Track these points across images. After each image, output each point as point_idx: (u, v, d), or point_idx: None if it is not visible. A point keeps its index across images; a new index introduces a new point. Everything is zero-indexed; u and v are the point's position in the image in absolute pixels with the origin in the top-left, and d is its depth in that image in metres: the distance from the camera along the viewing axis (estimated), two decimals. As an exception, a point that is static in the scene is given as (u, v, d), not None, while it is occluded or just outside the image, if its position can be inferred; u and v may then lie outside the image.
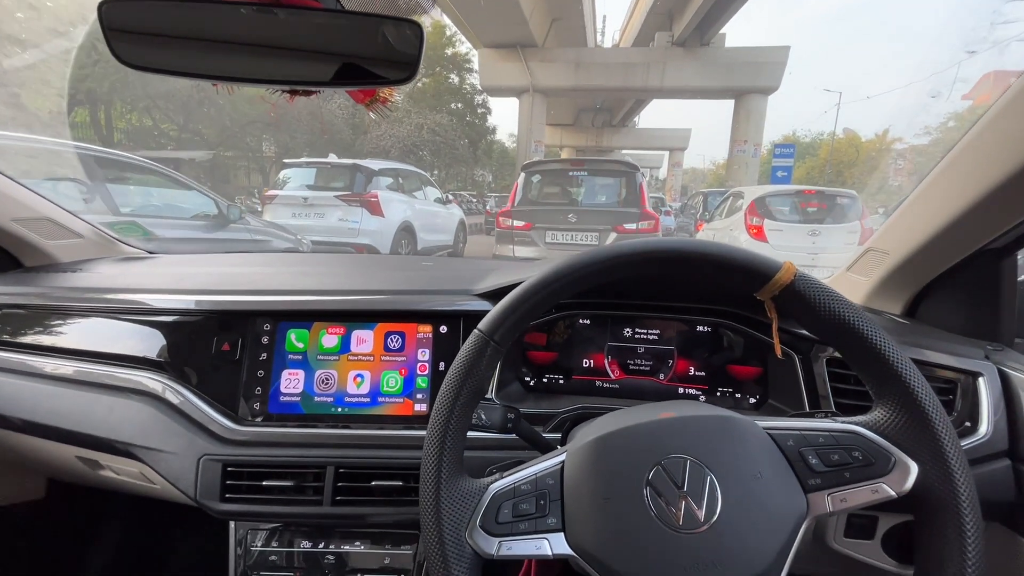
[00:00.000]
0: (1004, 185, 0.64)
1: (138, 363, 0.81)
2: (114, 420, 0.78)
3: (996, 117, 0.65)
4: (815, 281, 0.48)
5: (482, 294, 0.82)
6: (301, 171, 6.44)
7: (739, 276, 0.49)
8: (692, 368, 0.85)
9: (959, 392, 0.70)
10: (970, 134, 0.69)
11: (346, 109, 17.43)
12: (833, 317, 0.47)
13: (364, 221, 5.74)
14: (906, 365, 0.45)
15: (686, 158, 45.64)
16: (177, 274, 1.07)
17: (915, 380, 0.44)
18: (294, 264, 1.24)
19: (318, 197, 5.95)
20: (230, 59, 0.57)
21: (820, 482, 0.44)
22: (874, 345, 0.45)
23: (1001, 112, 0.64)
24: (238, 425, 0.75)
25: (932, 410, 0.44)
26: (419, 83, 25.70)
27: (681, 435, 0.47)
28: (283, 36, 0.57)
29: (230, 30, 0.55)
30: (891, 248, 0.83)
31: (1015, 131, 0.62)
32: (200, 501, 0.73)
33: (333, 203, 5.83)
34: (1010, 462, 0.66)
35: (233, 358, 0.79)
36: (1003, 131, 0.64)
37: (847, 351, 0.48)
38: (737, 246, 0.50)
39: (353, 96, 0.68)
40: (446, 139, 20.02)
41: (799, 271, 0.48)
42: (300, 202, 5.88)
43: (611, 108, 34.81)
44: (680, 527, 0.43)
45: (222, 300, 0.82)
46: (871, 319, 0.46)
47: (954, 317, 0.82)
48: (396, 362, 0.81)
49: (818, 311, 0.47)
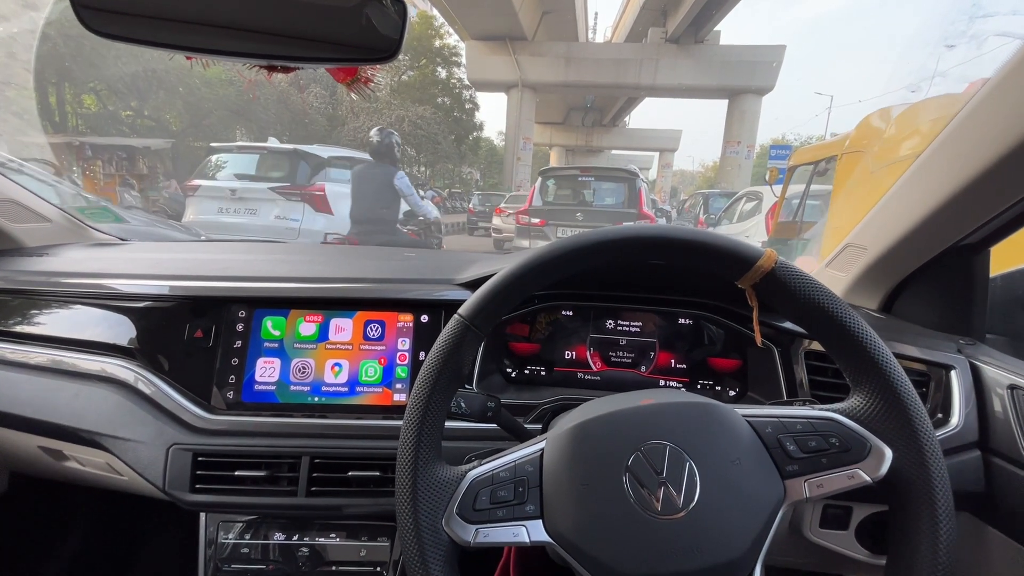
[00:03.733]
0: (977, 181, 0.68)
1: (106, 350, 0.81)
2: (79, 408, 0.78)
3: (969, 115, 0.69)
4: (796, 269, 0.50)
5: (464, 283, 0.84)
6: (234, 158, 5.54)
7: (720, 263, 0.51)
8: (673, 360, 0.88)
9: (932, 385, 0.74)
10: (945, 132, 0.73)
11: (322, 99, 17.14)
12: (813, 305, 0.49)
13: (307, 219, 4.94)
14: (883, 353, 0.47)
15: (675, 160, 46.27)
16: (149, 260, 1.07)
17: (892, 368, 0.47)
18: (272, 252, 1.25)
19: (249, 190, 5.06)
20: (204, 31, 0.56)
21: (797, 468, 0.46)
22: (852, 333, 0.48)
23: (974, 110, 0.68)
24: (210, 414, 0.76)
25: (907, 397, 0.46)
26: (404, 76, 25.43)
27: (661, 422, 0.48)
28: (261, 7, 0.57)
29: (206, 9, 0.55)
30: (869, 243, 0.88)
31: (987, 129, 0.66)
32: (169, 492, 0.73)
33: (268, 197, 5.01)
34: (980, 453, 0.70)
35: (206, 345, 0.80)
36: (976, 129, 0.68)
37: (826, 339, 0.50)
38: (718, 233, 0.52)
39: (334, 75, 0.69)
40: (429, 133, 19.73)
41: (780, 259, 0.50)
42: (227, 195, 5.00)
43: (601, 107, 35.09)
44: (659, 513, 0.44)
45: (195, 286, 0.83)
46: (850, 308, 0.49)
47: (928, 312, 0.87)
48: (375, 351, 0.82)
49: (798, 299, 0.49)
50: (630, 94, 25.38)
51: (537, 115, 25.61)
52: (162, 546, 1.22)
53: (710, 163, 51.66)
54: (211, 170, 5.49)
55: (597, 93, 26.26)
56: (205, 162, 5.62)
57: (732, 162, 19.66)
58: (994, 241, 0.77)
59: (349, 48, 0.60)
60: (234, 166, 5.48)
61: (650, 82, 19.59)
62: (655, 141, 42.87)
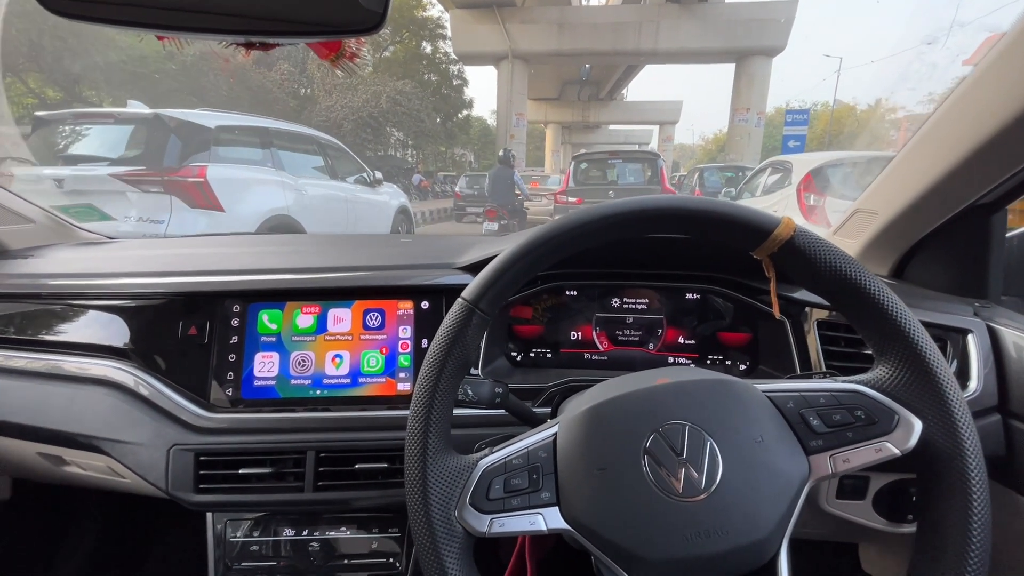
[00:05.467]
0: (995, 139, 0.67)
1: (98, 351, 0.81)
2: (75, 412, 0.78)
3: (985, 72, 0.68)
4: (816, 237, 0.48)
5: (464, 267, 0.85)
6: (71, 131, 3.96)
7: (736, 233, 0.50)
8: (681, 337, 0.89)
9: (949, 350, 0.75)
10: (959, 90, 0.71)
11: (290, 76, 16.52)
12: (834, 273, 0.48)
13: (176, 219, 3.59)
14: (910, 321, 0.46)
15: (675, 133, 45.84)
16: (137, 257, 1.07)
17: (919, 336, 0.46)
18: (265, 244, 1.25)
19: (85, 179, 3.52)
20: (176, 5, 0.53)
21: (822, 443, 0.46)
22: (877, 301, 0.47)
23: (989, 67, 0.67)
24: (210, 412, 0.77)
25: (937, 366, 0.45)
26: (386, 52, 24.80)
27: (678, 401, 0.48)
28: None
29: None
30: (879, 208, 0.87)
31: (1005, 85, 0.65)
32: (172, 493, 0.74)
33: (116, 188, 3.48)
34: (1000, 417, 0.71)
35: (201, 342, 0.80)
36: (993, 85, 0.67)
37: (849, 308, 0.49)
38: (732, 202, 0.51)
39: (316, 51, 0.67)
40: (410, 109, 18.72)
41: (798, 226, 0.49)
42: (52, 187, 3.44)
43: (598, 80, 34.57)
44: (680, 495, 0.44)
45: (186, 282, 0.83)
46: (872, 275, 0.48)
47: (942, 276, 0.87)
48: (376, 340, 0.83)
49: (819, 267, 0.48)
50: (629, 61, 24.66)
51: (531, 91, 25.04)
52: (170, 546, 1.25)
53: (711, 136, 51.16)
54: (44, 149, 3.90)
55: (593, 62, 25.63)
56: (32, 137, 3.90)
57: (741, 131, 18.90)
58: (1011, 199, 0.76)
59: (331, 20, 0.60)
60: (82, 143, 3.87)
61: (651, 47, 18.73)
62: (655, 114, 42.38)
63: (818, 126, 31.25)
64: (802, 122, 17.05)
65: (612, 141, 64.09)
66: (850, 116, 30.21)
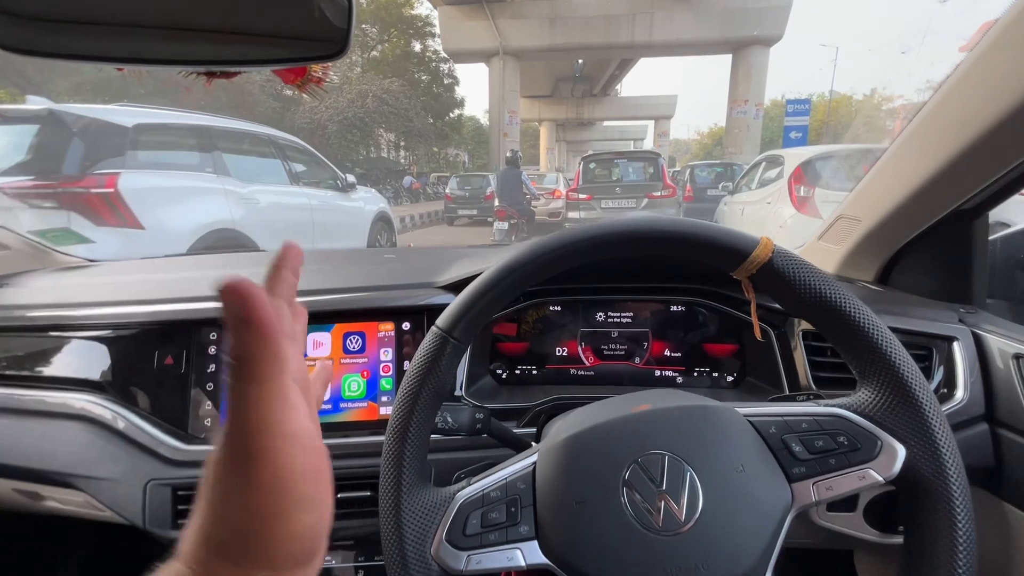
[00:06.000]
0: (975, 145, 0.67)
1: (72, 384, 0.80)
2: (47, 448, 0.77)
3: (965, 75, 0.67)
4: (795, 258, 0.48)
5: (445, 286, 0.84)
6: None
7: (714, 254, 0.49)
8: (668, 349, 0.88)
9: (935, 358, 0.74)
10: (938, 95, 0.71)
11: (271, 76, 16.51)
12: (814, 295, 0.47)
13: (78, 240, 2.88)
14: (891, 343, 0.46)
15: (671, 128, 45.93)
16: (114, 283, 1.06)
17: (900, 359, 0.45)
18: (245, 265, 1.25)
19: None
20: (134, 37, 0.53)
21: (804, 471, 0.45)
22: (857, 324, 0.46)
23: (969, 70, 0.67)
24: (188, 444, 0.76)
25: (919, 389, 0.45)
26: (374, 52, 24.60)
27: (658, 430, 0.47)
28: (193, 7, 0.53)
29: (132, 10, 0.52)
30: (863, 215, 0.87)
31: (985, 89, 0.64)
32: (150, 530, 0.73)
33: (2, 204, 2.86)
34: (988, 426, 0.70)
35: (178, 372, 0.79)
36: (973, 90, 0.67)
37: (830, 330, 0.49)
38: (711, 223, 0.50)
39: (282, 77, 0.67)
40: (398, 109, 18.36)
41: (777, 247, 0.48)
42: None
43: (591, 76, 34.57)
44: (660, 528, 0.43)
45: (161, 310, 0.82)
46: (853, 296, 0.47)
47: (927, 281, 0.87)
48: (357, 364, 0.82)
49: (798, 290, 0.47)
50: (623, 55, 24.49)
51: (523, 88, 24.95)
52: None
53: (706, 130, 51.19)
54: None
55: (587, 57, 25.54)
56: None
57: (739, 123, 18.74)
58: (992, 205, 0.76)
59: (294, 48, 0.59)
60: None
61: (645, 39, 18.56)
62: (649, 109, 42.47)
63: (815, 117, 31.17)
64: (803, 112, 16.59)
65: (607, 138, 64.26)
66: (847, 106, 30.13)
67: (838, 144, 4.81)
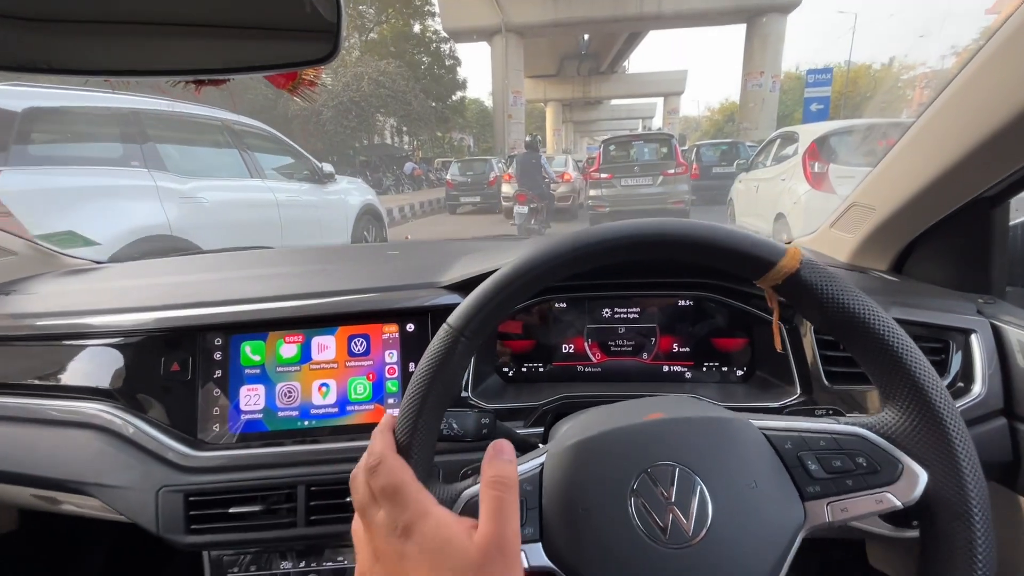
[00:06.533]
0: (1000, 132, 0.64)
1: (80, 393, 0.82)
2: (60, 457, 0.79)
3: (989, 59, 0.64)
4: (824, 270, 0.46)
5: (449, 286, 0.84)
6: None
7: (737, 263, 0.48)
8: (676, 344, 0.88)
9: (952, 351, 0.73)
10: (958, 80, 0.68)
11: None
12: (841, 310, 0.45)
13: None
14: (920, 365, 0.44)
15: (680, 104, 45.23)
16: (119, 288, 1.07)
17: (929, 382, 0.44)
18: (251, 266, 1.25)
19: None
20: (116, 46, 0.53)
21: (819, 490, 0.44)
22: (886, 343, 0.44)
23: (993, 54, 0.64)
24: (197, 451, 0.77)
25: (947, 415, 0.43)
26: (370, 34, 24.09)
27: (670, 440, 0.47)
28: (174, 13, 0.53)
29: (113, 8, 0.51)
30: (877, 203, 0.85)
31: (1012, 73, 0.62)
32: (163, 535, 0.75)
33: None
34: (1006, 420, 0.69)
35: (185, 378, 0.80)
36: (997, 74, 0.64)
37: (855, 346, 0.47)
38: (736, 228, 0.48)
39: (273, 81, 0.67)
40: (395, 91, 17.73)
41: (805, 257, 0.46)
42: None
43: (597, 52, 34.01)
44: (667, 541, 0.43)
45: (166, 316, 0.82)
46: (883, 313, 0.46)
47: (944, 271, 0.85)
48: (363, 367, 0.82)
49: (825, 304, 0.46)
50: (631, 28, 23.66)
51: (527, 68, 24.41)
52: (178, 570, 1.28)
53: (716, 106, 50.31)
54: None
55: (592, 32, 24.82)
56: None
57: (754, 97, 18.02)
58: (1016, 192, 0.74)
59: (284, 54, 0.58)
60: None
61: (654, 10, 17.83)
62: (658, 85, 41.80)
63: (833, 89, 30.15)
64: (825, 82, 15.79)
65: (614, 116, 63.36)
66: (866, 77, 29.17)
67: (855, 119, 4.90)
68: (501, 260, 0.80)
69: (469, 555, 0.38)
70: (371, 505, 0.42)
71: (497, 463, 0.43)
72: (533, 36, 21.21)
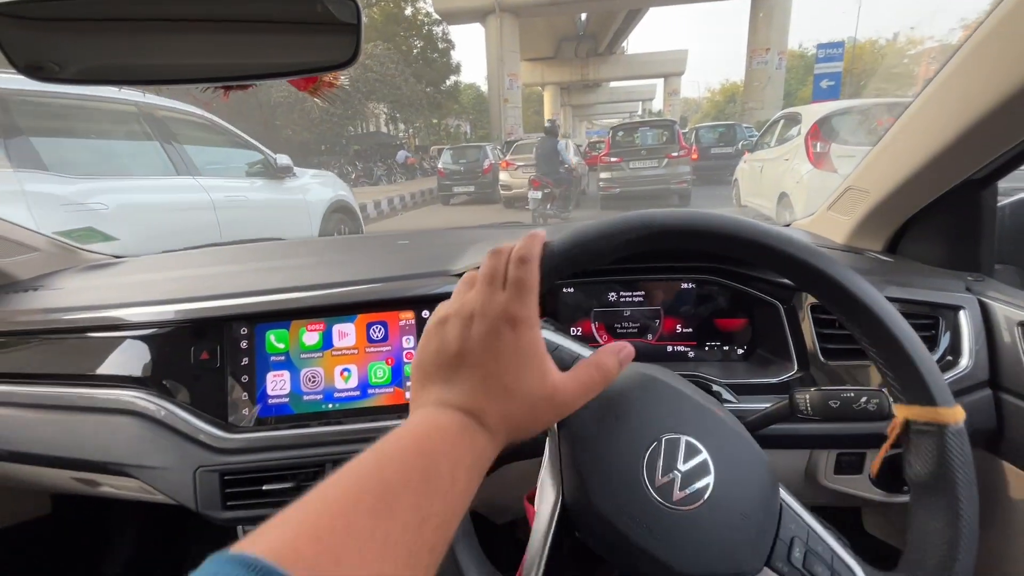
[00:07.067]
0: (991, 116, 0.67)
1: (117, 381, 0.86)
2: (101, 441, 0.84)
3: (981, 44, 0.67)
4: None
5: (461, 273, 0.88)
6: None
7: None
8: (679, 326, 0.92)
9: (941, 327, 0.78)
10: (951, 65, 0.71)
11: None
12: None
13: None
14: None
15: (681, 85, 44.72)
16: (144, 282, 1.11)
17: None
18: (268, 257, 1.30)
19: None
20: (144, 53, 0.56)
21: (784, 572, 0.45)
22: None
23: (985, 39, 0.66)
24: (229, 433, 0.81)
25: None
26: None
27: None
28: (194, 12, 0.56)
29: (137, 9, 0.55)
30: (872, 186, 0.89)
31: (1002, 57, 0.64)
32: (202, 511, 0.80)
33: None
34: (991, 391, 0.74)
35: (214, 366, 0.84)
36: (988, 59, 0.66)
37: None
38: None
39: (295, 84, 0.70)
40: (383, 75, 17.22)
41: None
42: None
43: (596, 33, 33.54)
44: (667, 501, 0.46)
45: (193, 308, 0.87)
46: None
47: (935, 250, 0.89)
48: (382, 352, 0.87)
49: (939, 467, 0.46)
50: (630, 5, 22.99)
51: (524, 51, 23.89)
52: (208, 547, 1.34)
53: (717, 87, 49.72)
54: None
55: (590, 10, 24.24)
56: None
57: (760, 75, 17.34)
58: (1003, 174, 0.77)
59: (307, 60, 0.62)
60: None
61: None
62: (658, 66, 41.35)
63: (841, 65, 29.37)
64: (837, 57, 14.65)
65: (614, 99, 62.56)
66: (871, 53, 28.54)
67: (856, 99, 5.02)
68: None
69: (548, 382, 0.39)
70: (496, 283, 0.41)
71: (610, 358, 0.45)
72: (528, 16, 20.63)
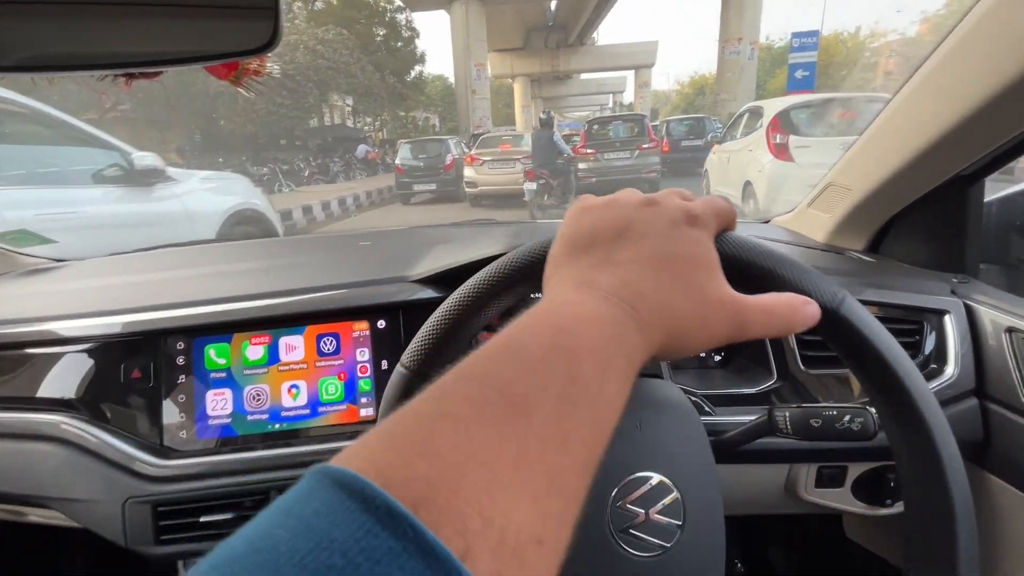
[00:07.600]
0: (982, 109, 0.63)
1: (35, 403, 0.78)
2: (19, 471, 0.76)
3: (966, 37, 0.64)
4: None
5: (419, 280, 0.81)
6: None
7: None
8: None
9: (925, 331, 0.74)
10: (934, 58, 0.68)
11: None
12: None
13: None
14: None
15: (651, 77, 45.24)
16: (78, 290, 1.02)
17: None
18: (215, 261, 1.20)
19: None
20: (33, 33, 0.49)
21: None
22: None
23: (970, 32, 0.63)
24: (164, 459, 0.74)
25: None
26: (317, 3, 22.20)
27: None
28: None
29: None
30: (854, 183, 0.85)
31: (988, 53, 0.61)
32: (131, 547, 0.73)
33: None
34: (977, 401, 0.71)
35: (147, 385, 0.76)
36: (974, 53, 0.63)
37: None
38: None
39: (214, 72, 0.63)
40: (335, 62, 15.75)
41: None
42: None
43: (565, 23, 33.52)
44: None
45: (124, 321, 0.79)
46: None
47: (920, 250, 0.86)
48: (333, 366, 0.80)
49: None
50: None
51: (493, 41, 23.71)
52: None
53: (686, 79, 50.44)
54: None
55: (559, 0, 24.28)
56: None
57: (732, 66, 17.48)
58: (990, 171, 0.74)
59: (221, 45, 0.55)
60: None
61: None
62: (629, 58, 41.63)
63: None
64: (812, 47, 14.61)
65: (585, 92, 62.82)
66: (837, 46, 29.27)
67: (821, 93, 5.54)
68: (475, 250, 0.78)
69: (727, 290, 0.36)
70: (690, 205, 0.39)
71: (805, 308, 0.38)
72: (495, 3, 20.28)
